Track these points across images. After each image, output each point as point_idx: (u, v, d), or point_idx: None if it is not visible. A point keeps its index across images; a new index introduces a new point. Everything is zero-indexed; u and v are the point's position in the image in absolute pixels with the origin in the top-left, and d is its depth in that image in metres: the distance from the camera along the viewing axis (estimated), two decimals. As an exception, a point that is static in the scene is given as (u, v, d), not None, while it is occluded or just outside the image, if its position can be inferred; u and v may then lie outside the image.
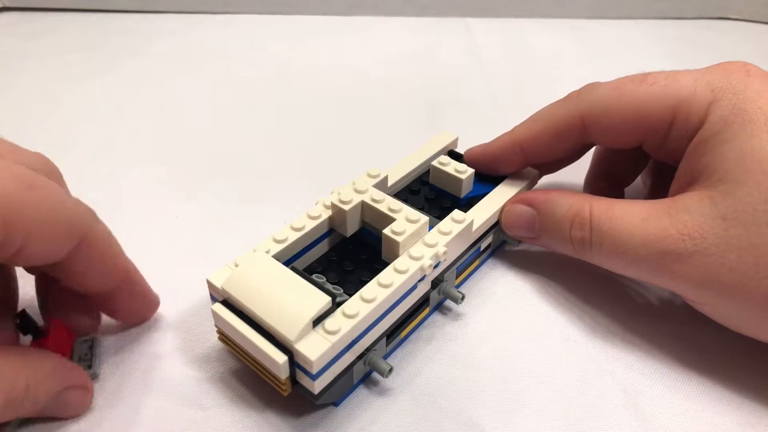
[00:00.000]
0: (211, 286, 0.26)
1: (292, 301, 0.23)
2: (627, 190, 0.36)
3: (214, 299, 0.26)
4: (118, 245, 0.25)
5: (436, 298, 0.29)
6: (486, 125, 0.36)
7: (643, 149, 0.30)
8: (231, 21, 0.62)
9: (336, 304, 0.24)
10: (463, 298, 0.28)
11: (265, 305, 0.23)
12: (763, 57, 0.57)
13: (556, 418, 0.25)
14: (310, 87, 0.51)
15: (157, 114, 0.47)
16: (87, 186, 0.38)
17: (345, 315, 0.23)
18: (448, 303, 0.30)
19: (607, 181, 0.35)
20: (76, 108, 0.47)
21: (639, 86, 0.28)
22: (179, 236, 0.35)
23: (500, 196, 0.32)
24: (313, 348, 0.22)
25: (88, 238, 0.23)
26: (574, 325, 0.29)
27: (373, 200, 0.28)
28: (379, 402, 0.26)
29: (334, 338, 0.23)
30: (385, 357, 0.27)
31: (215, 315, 0.25)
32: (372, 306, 0.24)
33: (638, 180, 0.36)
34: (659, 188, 0.35)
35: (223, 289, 0.24)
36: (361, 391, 0.26)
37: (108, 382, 0.26)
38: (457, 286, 0.30)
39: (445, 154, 0.35)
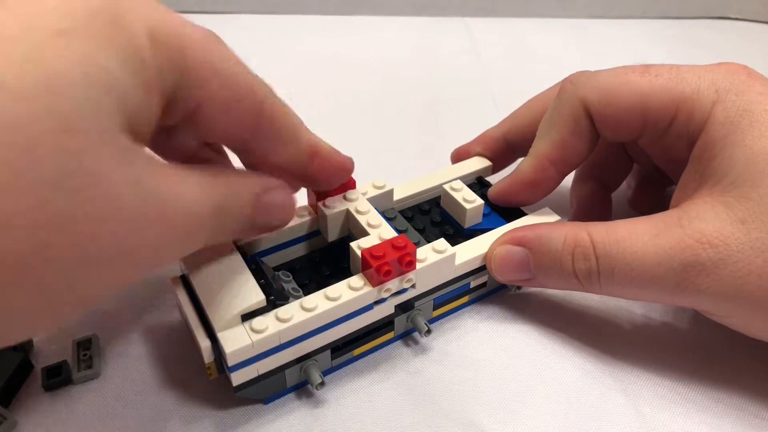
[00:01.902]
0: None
1: (230, 292, 0.24)
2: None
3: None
4: (300, 121, 0.24)
5: (404, 324, 0.28)
6: (486, 125, 0.35)
7: (639, 145, 0.30)
8: (231, 21, 0.61)
9: (275, 305, 0.24)
10: (429, 331, 0.27)
11: (208, 289, 0.24)
12: (763, 57, 0.57)
13: (556, 418, 0.25)
14: (309, 86, 0.51)
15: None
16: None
17: (277, 318, 0.23)
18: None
19: (594, 186, 0.35)
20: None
21: (642, 77, 0.27)
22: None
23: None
24: (232, 341, 0.22)
25: (269, 112, 0.21)
26: (574, 326, 0.29)
27: (357, 211, 0.28)
28: (303, 410, 0.25)
29: (257, 337, 0.23)
30: (331, 371, 0.27)
31: (174, 286, 0.25)
32: (308, 315, 0.24)
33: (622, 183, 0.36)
34: (644, 191, 0.35)
35: (183, 263, 0.25)
36: (291, 397, 0.26)
37: (109, 382, 0.26)
38: (435, 319, 0.29)
39: (474, 180, 0.33)
